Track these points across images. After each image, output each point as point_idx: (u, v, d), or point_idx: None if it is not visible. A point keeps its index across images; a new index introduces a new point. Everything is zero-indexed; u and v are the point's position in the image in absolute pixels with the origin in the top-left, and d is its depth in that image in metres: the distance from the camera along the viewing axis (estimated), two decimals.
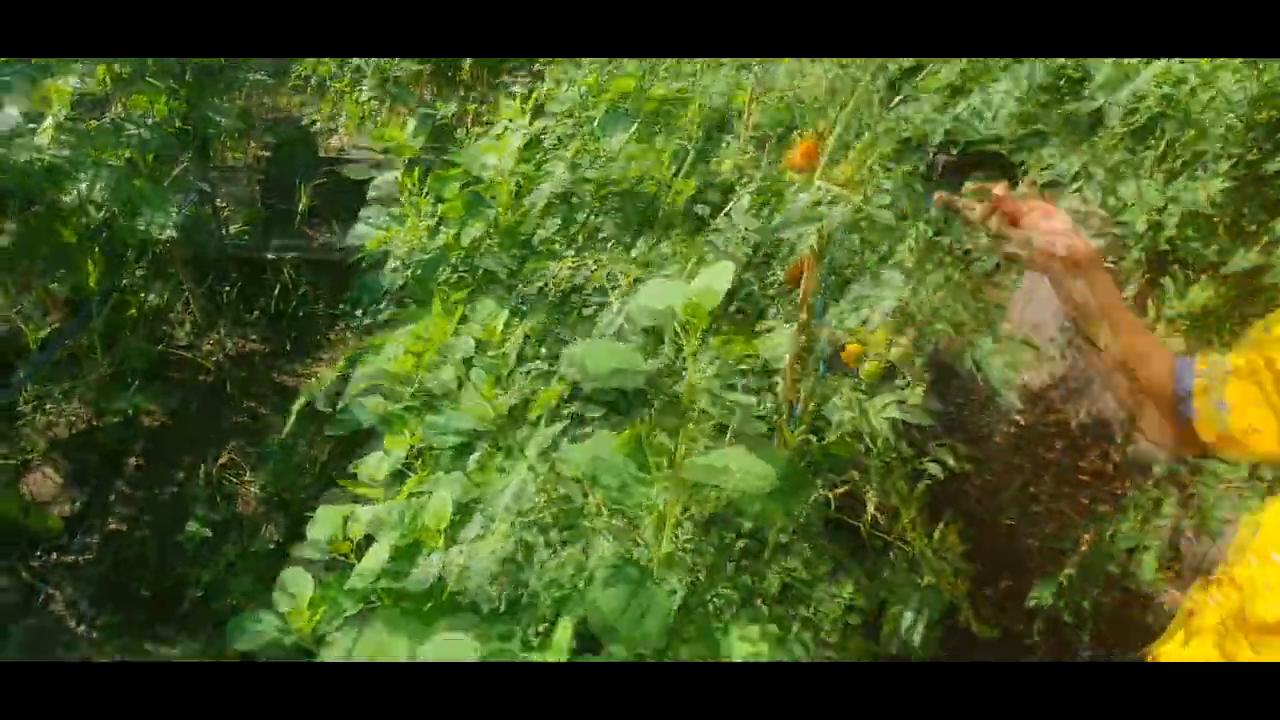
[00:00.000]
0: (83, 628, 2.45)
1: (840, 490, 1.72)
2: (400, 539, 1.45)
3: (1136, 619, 2.79)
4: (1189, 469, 2.48)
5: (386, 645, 1.22)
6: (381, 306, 2.41)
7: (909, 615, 1.28)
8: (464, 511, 1.56)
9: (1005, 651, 2.71)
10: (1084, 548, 2.43)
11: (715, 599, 1.22)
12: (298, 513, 2.84)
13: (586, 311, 1.71)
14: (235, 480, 2.99)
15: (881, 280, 1.20)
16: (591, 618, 1.03)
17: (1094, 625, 2.67)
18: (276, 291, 4.08)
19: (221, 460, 3.06)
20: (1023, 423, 3.83)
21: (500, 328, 2.03)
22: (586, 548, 1.19)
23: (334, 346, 3.93)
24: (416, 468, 1.84)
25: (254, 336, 4.01)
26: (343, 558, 1.51)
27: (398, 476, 1.81)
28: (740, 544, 1.39)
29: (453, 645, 1.25)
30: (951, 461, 1.38)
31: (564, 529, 1.35)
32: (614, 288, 1.55)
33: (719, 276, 1.15)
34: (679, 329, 1.05)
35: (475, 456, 1.67)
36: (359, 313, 2.39)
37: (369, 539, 1.50)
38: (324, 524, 1.53)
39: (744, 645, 1.11)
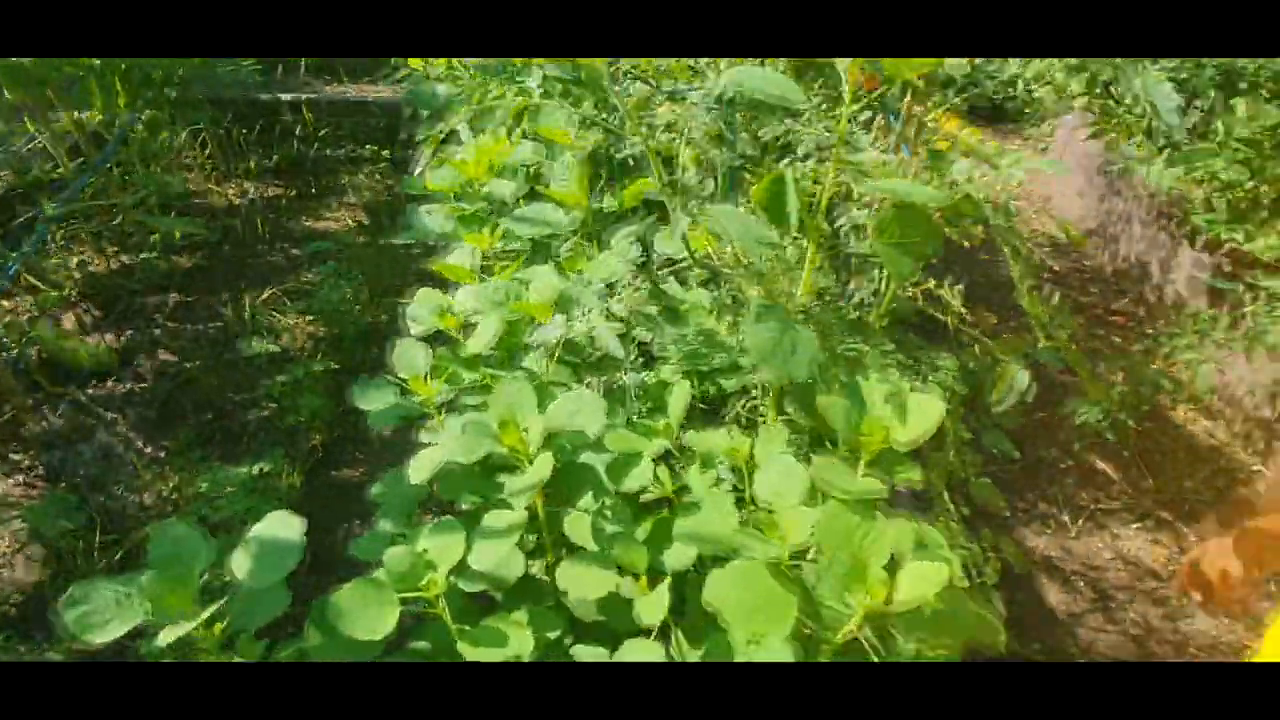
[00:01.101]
0: (149, 448, 2.48)
1: (930, 285, 1.72)
2: (508, 315, 1.45)
3: (1169, 449, 2.89)
4: (1246, 288, 2.50)
5: (515, 406, 1.24)
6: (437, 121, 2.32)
7: (1024, 375, 1.30)
8: (561, 297, 1.56)
9: (1045, 467, 2.81)
10: (1124, 375, 2.46)
11: (846, 352, 1.23)
12: (348, 346, 2.85)
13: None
14: (280, 314, 2.98)
15: None
16: (750, 350, 1.04)
17: (1132, 451, 2.76)
18: (298, 133, 3.95)
19: (264, 296, 3.03)
20: (1056, 269, 3.85)
21: (573, 132, 1.97)
22: (718, 296, 1.19)
23: (360, 190, 3.83)
24: (495, 269, 1.83)
25: (278, 181, 3.90)
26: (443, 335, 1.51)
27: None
28: (852, 316, 1.40)
29: (581, 402, 1.26)
30: (1071, 233, 1.37)
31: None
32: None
33: None
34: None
35: (566, 246, 1.65)
36: (423, 117, 2.30)
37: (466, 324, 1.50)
38: (425, 303, 1.52)
39: (882, 387, 1.13)
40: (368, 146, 3.91)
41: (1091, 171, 3.97)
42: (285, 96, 4.08)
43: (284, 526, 1.17)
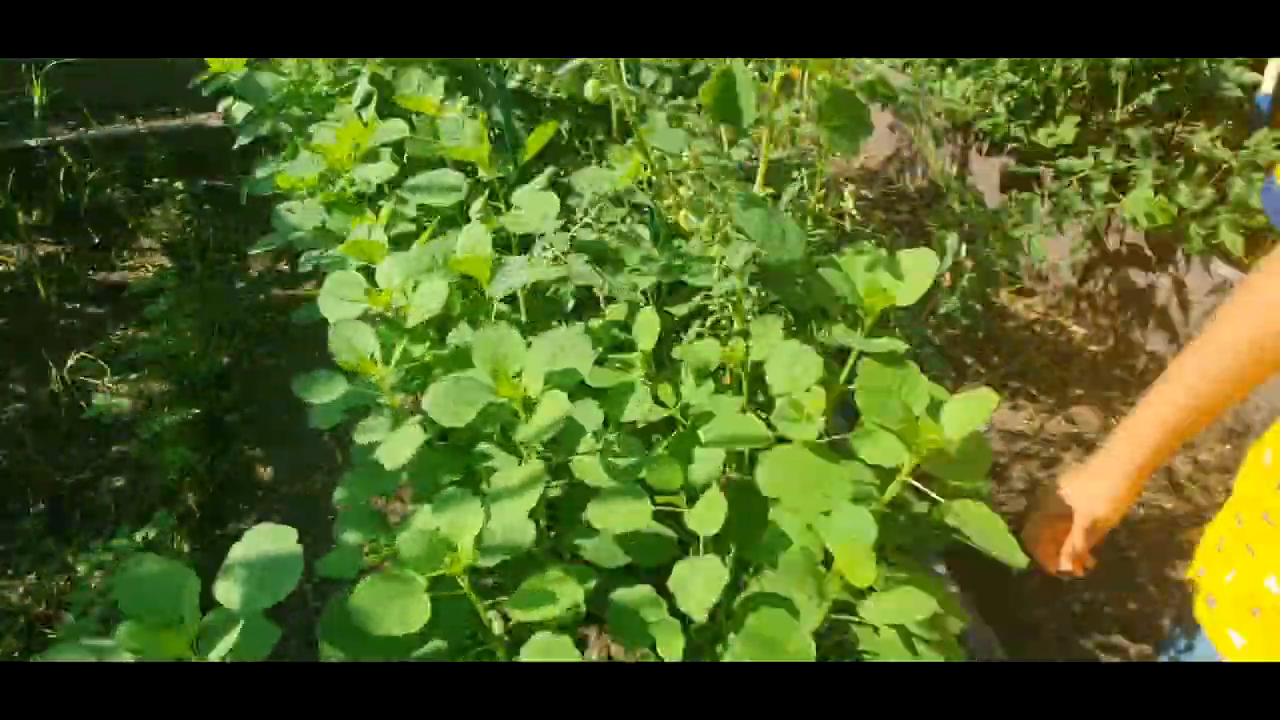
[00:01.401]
0: None
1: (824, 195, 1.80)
2: (449, 278, 1.34)
3: (1005, 329, 3.24)
4: (1051, 175, 2.84)
5: (503, 356, 1.15)
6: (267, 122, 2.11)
7: (952, 239, 1.39)
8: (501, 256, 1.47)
9: (914, 359, 3.04)
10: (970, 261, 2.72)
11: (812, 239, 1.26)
12: (201, 391, 2.53)
13: None
14: (101, 378, 2.58)
15: None
16: (750, 234, 1.03)
17: (983, 334, 3.07)
18: (60, 181, 3.44)
19: (71, 363, 2.62)
20: (870, 195, 4.19)
21: (438, 100, 1.87)
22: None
23: (155, 232, 3.41)
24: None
25: (47, 238, 3.38)
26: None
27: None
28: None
29: (561, 340, 1.20)
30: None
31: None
32: None
33: None
34: None
35: (477, 206, 1.56)
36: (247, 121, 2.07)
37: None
38: (341, 286, 1.37)
39: (862, 259, 1.17)
40: (157, 181, 3.49)
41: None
42: (31, 142, 3.55)
43: (274, 539, 1.01)
